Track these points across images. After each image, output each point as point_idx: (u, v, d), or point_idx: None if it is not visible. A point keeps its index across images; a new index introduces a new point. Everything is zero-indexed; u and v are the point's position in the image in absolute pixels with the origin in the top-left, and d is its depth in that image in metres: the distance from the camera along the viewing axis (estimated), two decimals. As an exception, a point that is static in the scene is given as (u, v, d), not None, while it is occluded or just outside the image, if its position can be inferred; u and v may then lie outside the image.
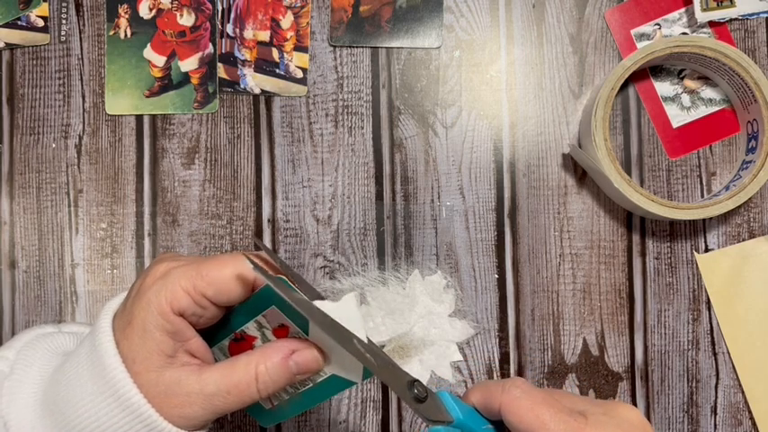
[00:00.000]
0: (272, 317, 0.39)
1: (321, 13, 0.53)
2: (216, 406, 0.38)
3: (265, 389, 0.38)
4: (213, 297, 0.38)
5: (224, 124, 0.53)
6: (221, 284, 0.38)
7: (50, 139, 0.53)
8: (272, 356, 0.38)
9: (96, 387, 0.37)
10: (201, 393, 0.37)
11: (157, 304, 0.37)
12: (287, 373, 0.38)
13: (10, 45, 0.53)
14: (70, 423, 0.37)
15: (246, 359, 0.38)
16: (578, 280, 0.52)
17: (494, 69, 0.53)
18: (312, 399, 0.41)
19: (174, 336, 0.38)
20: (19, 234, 0.52)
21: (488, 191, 0.52)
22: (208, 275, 0.38)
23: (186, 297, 0.37)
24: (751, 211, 0.52)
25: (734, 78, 0.49)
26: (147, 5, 0.53)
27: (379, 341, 0.51)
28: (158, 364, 0.37)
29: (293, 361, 0.38)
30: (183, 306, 0.37)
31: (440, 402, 0.38)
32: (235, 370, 0.38)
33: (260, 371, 0.38)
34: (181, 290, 0.37)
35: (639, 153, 0.53)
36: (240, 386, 0.38)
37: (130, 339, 0.37)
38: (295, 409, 0.42)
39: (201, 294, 0.38)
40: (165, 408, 0.37)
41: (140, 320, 0.37)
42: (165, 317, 0.37)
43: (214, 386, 0.38)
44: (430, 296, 0.51)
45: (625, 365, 0.52)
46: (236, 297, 0.38)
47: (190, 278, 0.38)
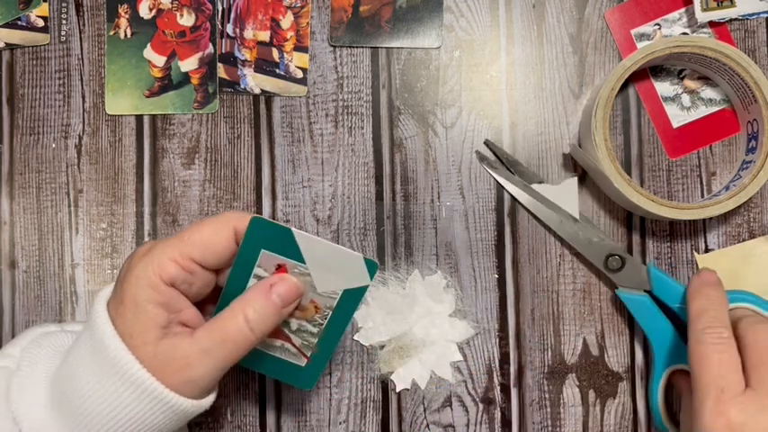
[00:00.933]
0: (267, 262, 0.40)
1: (321, 13, 0.53)
2: (216, 360, 0.38)
3: (258, 327, 0.39)
4: (200, 258, 0.39)
5: (224, 124, 0.53)
6: (205, 242, 0.39)
7: (50, 139, 0.53)
8: (254, 297, 0.39)
9: (99, 369, 0.37)
10: (197, 351, 0.38)
11: (146, 277, 0.38)
12: (273, 307, 0.39)
13: (10, 45, 0.53)
14: (79, 410, 0.38)
15: (231, 308, 0.39)
16: (578, 280, 0.52)
17: (494, 69, 0.53)
18: (338, 325, 0.42)
19: (166, 307, 0.38)
20: (19, 234, 0.52)
21: (488, 191, 0.52)
22: (190, 238, 0.39)
23: (174, 265, 0.38)
24: (751, 211, 0.52)
25: (734, 78, 0.49)
26: (147, 5, 0.53)
27: (379, 341, 0.51)
28: (154, 337, 0.38)
29: (275, 294, 0.39)
30: (173, 274, 0.38)
31: (642, 273, 0.49)
32: (223, 320, 0.39)
33: (247, 313, 0.39)
34: (167, 259, 0.38)
35: (639, 153, 0.53)
36: (232, 332, 0.38)
37: (124, 316, 0.38)
38: (327, 347, 0.43)
39: (189, 258, 0.39)
40: (168, 377, 0.37)
41: (131, 296, 0.38)
42: (156, 288, 0.38)
43: (207, 340, 0.38)
44: (430, 296, 0.51)
45: (625, 365, 0.52)
46: (221, 252, 0.39)
47: (174, 246, 0.39)
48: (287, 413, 0.52)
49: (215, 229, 0.39)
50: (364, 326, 0.51)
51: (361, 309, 0.51)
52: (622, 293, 0.50)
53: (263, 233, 0.39)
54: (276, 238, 0.39)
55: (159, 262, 0.38)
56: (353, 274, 0.40)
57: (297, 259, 0.39)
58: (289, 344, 0.43)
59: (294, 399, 0.52)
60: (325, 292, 0.41)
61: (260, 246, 0.39)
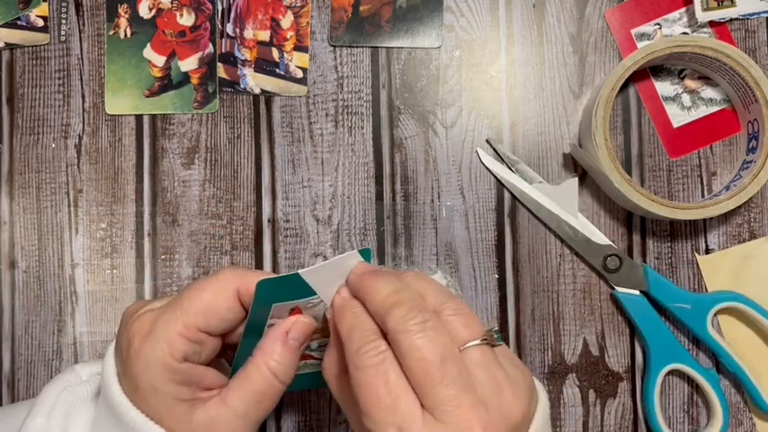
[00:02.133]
0: (279, 312, 0.39)
1: (321, 13, 0.53)
2: (254, 419, 0.38)
3: (285, 375, 0.38)
4: (205, 326, 0.37)
5: (224, 124, 0.53)
6: (207, 308, 0.37)
7: (50, 139, 0.53)
8: (273, 348, 0.38)
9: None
10: (236, 416, 0.37)
11: (157, 361, 0.36)
12: (293, 351, 0.38)
13: (10, 45, 0.53)
14: None
15: (254, 364, 0.38)
16: (578, 280, 0.52)
17: (494, 69, 0.53)
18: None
19: (186, 383, 0.37)
20: (19, 234, 0.52)
21: (488, 191, 0.52)
22: (191, 307, 0.37)
23: (181, 340, 0.36)
24: (751, 211, 0.52)
25: (734, 78, 0.49)
26: (146, 5, 0.53)
27: None
28: (184, 412, 0.37)
29: (291, 338, 0.38)
30: (183, 351, 0.36)
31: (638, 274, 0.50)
32: (250, 379, 0.37)
33: (271, 366, 0.37)
34: (174, 335, 0.36)
35: (640, 153, 0.52)
36: (263, 388, 0.37)
37: (147, 402, 0.36)
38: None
39: (194, 328, 0.37)
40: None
41: (148, 383, 0.36)
42: (170, 369, 0.36)
43: (242, 404, 0.37)
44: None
45: (625, 365, 0.52)
46: (226, 315, 0.38)
47: (176, 320, 0.37)
48: (287, 413, 0.52)
49: (214, 291, 0.37)
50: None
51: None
52: (619, 293, 0.51)
53: (270, 292, 0.37)
54: (285, 289, 0.38)
55: (167, 340, 0.36)
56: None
57: (307, 295, 0.38)
58: (311, 360, 0.43)
59: (294, 399, 0.52)
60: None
61: (270, 302, 0.38)
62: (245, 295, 0.38)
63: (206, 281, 0.38)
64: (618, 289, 0.51)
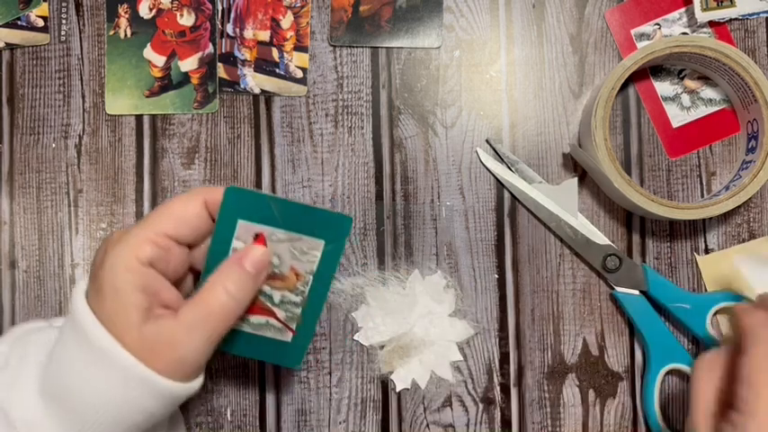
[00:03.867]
0: (244, 233, 0.40)
1: (321, 13, 0.53)
2: (202, 335, 0.38)
3: (239, 296, 0.39)
4: (173, 231, 0.39)
5: (224, 124, 0.53)
6: (176, 215, 0.39)
7: (50, 139, 0.53)
8: (228, 269, 0.39)
9: (85, 359, 0.37)
10: (183, 329, 0.38)
11: (122, 262, 0.37)
12: (248, 276, 0.39)
13: (10, 45, 0.53)
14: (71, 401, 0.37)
15: (210, 282, 0.39)
16: (578, 280, 0.52)
17: (494, 69, 0.53)
18: (320, 290, 0.42)
19: (145, 290, 0.38)
20: (19, 234, 0.52)
21: (488, 191, 0.52)
22: (160, 216, 0.39)
23: (148, 244, 0.38)
24: (751, 211, 0.52)
25: (734, 78, 0.49)
26: (147, 5, 0.53)
27: (379, 341, 0.51)
28: (137, 321, 0.37)
29: (247, 264, 0.39)
30: (148, 254, 0.38)
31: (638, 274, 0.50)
32: (204, 296, 0.39)
33: (226, 285, 0.39)
34: (141, 240, 0.38)
35: (639, 153, 0.53)
36: (215, 305, 0.38)
37: (104, 305, 0.37)
38: (311, 316, 0.43)
39: (162, 234, 0.39)
40: (156, 360, 0.37)
41: (110, 284, 0.37)
42: (133, 271, 0.37)
43: (191, 317, 0.38)
44: (430, 296, 0.51)
45: (625, 365, 0.52)
46: (194, 223, 0.40)
47: (146, 226, 0.39)
48: (287, 413, 0.52)
49: (184, 201, 0.40)
50: (364, 326, 0.51)
51: (362, 309, 0.51)
52: (619, 293, 0.51)
53: (238, 203, 0.39)
54: (252, 207, 0.40)
55: (134, 244, 0.38)
56: (330, 233, 0.40)
57: (274, 225, 0.40)
58: (273, 319, 0.43)
59: (294, 399, 0.52)
60: (304, 256, 0.41)
61: (236, 216, 0.40)
62: (213, 205, 0.40)
63: (175, 196, 0.40)
64: (617, 289, 0.51)
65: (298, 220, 0.40)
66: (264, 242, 0.41)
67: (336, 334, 0.52)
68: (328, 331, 0.52)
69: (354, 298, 0.52)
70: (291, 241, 0.41)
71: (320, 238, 0.41)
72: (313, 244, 0.41)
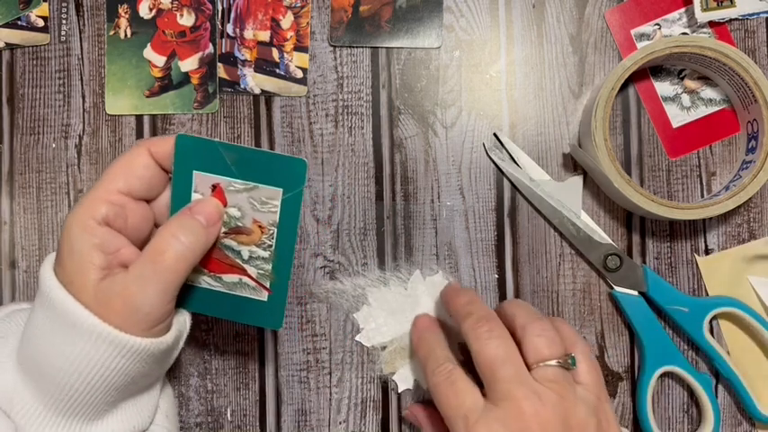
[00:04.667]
0: (202, 185, 0.41)
1: (321, 13, 0.53)
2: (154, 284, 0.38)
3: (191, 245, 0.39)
4: (125, 186, 0.39)
5: (224, 124, 0.53)
6: (124, 170, 0.39)
7: (50, 139, 0.53)
8: (176, 219, 0.40)
9: (50, 323, 0.38)
10: (133, 279, 0.38)
11: (77, 223, 0.38)
12: (198, 224, 0.40)
13: (10, 45, 0.53)
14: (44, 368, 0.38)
15: (158, 234, 0.39)
16: (578, 280, 0.52)
17: (494, 69, 0.53)
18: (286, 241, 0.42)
19: (101, 248, 0.38)
20: (19, 234, 0.52)
21: (488, 191, 0.52)
22: (110, 172, 0.39)
23: (101, 202, 0.39)
24: (751, 211, 0.52)
25: (734, 78, 0.49)
26: (147, 5, 0.53)
27: (381, 342, 0.51)
28: (94, 279, 0.38)
29: (196, 214, 0.40)
30: (103, 212, 0.38)
31: (637, 274, 0.50)
32: (153, 246, 0.39)
33: (173, 231, 0.39)
34: (94, 199, 0.39)
35: (639, 153, 0.53)
36: (165, 255, 0.38)
37: (64, 265, 0.38)
38: (283, 271, 0.43)
39: (115, 191, 0.39)
40: (112, 315, 0.37)
41: (67, 244, 0.38)
42: (88, 230, 0.38)
43: (140, 266, 0.38)
44: (432, 296, 0.51)
45: (625, 365, 0.52)
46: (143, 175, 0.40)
47: (97, 187, 0.39)
48: (287, 413, 0.52)
49: (129, 156, 0.40)
50: (366, 327, 0.51)
51: (363, 309, 0.51)
52: (618, 293, 0.51)
53: (190, 152, 0.40)
54: (205, 156, 0.40)
55: (87, 203, 0.39)
56: (286, 180, 0.40)
57: (229, 175, 0.40)
58: (246, 277, 0.43)
59: (294, 399, 0.52)
60: (264, 206, 0.41)
61: (191, 167, 0.40)
62: (160, 155, 0.40)
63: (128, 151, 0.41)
64: (617, 288, 0.51)
65: (252, 167, 0.40)
66: (222, 194, 0.41)
67: (337, 334, 0.52)
68: (328, 331, 0.52)
69: (356, 299, 0.52)
70: (249, 191, 0.41)
71: (277, 186, 0.40)
72: (271, 193, 0.41)
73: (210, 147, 0.40)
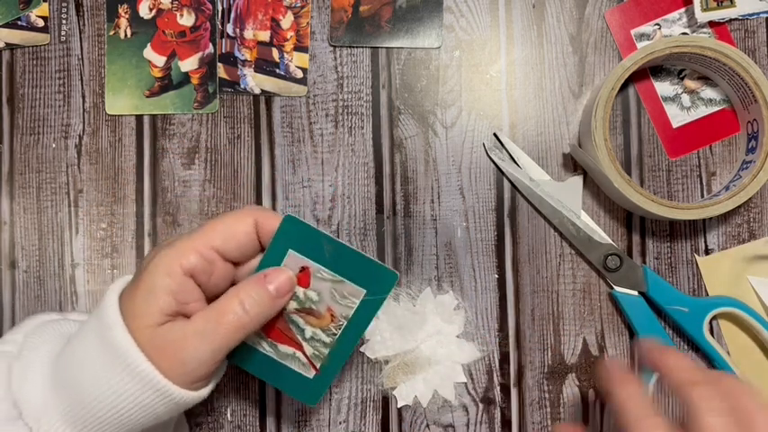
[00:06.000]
0: (292, 263, 0.41)
1: (321, 13, 0.53)
2: (209, 342, 0.38)
3: (253, 311, 0.39)
4: (221, 246, 0.39)
5: (224, 124, 0.53)
6: (226, 231, 0.40)
7: (50, 139, 0.53)
8: (248, 284, 0.40)
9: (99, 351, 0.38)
10: (192, 333, 0.38)
11: (165, 265, 0.38)
12: (267, 294, 0.40)
13: (10, 45, 0.53)
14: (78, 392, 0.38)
15: (228, 294, 0.40)
16: (578, 280, 0.52)
17: (494, 69, 0.53)
18: (351, 336, 0.43)
19: (177, 296, 0.38)
20: (19, 234, 0.52)
21: (488, 191, 0.52)
22: (212, 228, 0.40)
23: (194, 254, 0.39)
24: (751, 211, 0.52)
25: (734, 78, 0.49)
26: (147, 5, 0.53)
27: (384, 355, 0.51)
28: (157, 321, 0.38)
29: (269, 284, 0.40)
30: (192, 263, 0.39)
31: (637, 274, 0.50)
32: (219, 304, 0.39)
33: (242, 297, 0.39)
34: (188, 248, 0.39)
35: (639, 153, 0.53)
36: (228, 314, 0.39)
37: (134, 299, 0.38)
38: (338, 359, 0.43)
39: (210, 247, 0.39)
40: (162, 360, 0.38)
41: (148, 283, 0.38)
42: (172, 276, 0.38)
43: (202, 322, 0.38)
44: (440, 315, 0.51)
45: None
46: (242, 241, 0.40)
47: (196, 238, 0.39)
48: (287, 413, 0.52)
49: (236, 219, 0.40)
50: (372, 339, 0.51)
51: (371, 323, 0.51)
52: (618, 293, 0.51)
53: (293, 233, 0.40)
54: (305, 240, 0.40)
55: (181, 249, 0.39)
56: (373, 284, 0.41)
57: (322, 263, 0.41)
58: (300, 353, 0.43)
59: (294, 399, 0.52)
60: (343, 300, 0.41)
61: (288, 245, 0.40)
62: (262, 228, 0.40)
63: (229, 212, 0.41)
64: (616, 288, 0.51)
65: (346, 264, 0.41)
66: (309, 277, 0.41)
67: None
68: (328, 331, 0.52)
69: None
70: (334, 282, 0.41)
71: (363, 287, 0.41)
72: (354, 291, 0.41)
73: (314, 235, 0.40)
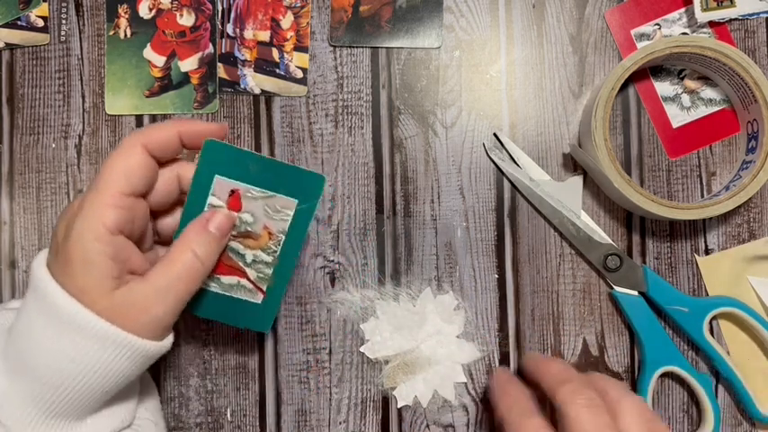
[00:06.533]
0: (220, 189, 0.41)
1: (321, 13, 0.53)
2: (173, 297, 0.39)
3: (207, 258, 0.40)
4: (128, 187, 0.39)
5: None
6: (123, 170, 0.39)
7: (50, 139, 0.53)
8: (195, 233, 0.40)
9: (57, 331, 0.37)
10: (154, 292, 0.38)
11: (90, 231, 0.37)
12: (214, 238, 0.41)
13: (10, 45, 0.53)
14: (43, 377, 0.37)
15: (177, 246, 0.40)
16: (578, 280, 0.52)
17: (494, 69, 0.53)
18: (291, 250, 0.43)
19: (115, 257, 0.38)
20: (19, 234, 0.52)
21: (488, 191, 0.52)
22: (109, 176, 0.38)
23: (111, 209, 0.38)
24: (751, 211, 0.52)
25: (734, 78, 0.49)
26: (146, 5, 0.53)
27: (385, 355, 0.51)
28: (108, 288, 0.38)
29: (212, 227, 0.41)
30: (113, 218, 0.38)
31: (637, 274, 0.50)
32: (173, 258, 0.39)
33: (194, 248, 0.40)
34: (102, 205, 0.38)
35: (639, 153, 0.53)
36: (185, 267, 0.39)
37: (74, 276, 0.37)
38: (282, 276, 0.44)
39: (119, 194, 0.38)
40: (128, 323, 0.38)
41: (80, 255, 0.37)
42: (103, 240, 0.37)
43: (162, 279, 0.39)
44: (440, 316, 0.51)
45: (625, 365, 0.52)
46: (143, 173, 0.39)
47: (100, 190, 0.38)
48: (287, 413, 0.52)
49: (125, 154, 0.39)
50: (372, 339, 0.51)
51: (371, 321, 0.51)
52: (618, 293, 0.51)
53: (216, 157, 0.40)
54: (229, 162, 0.40)
55: (97, 212, 0.38)
56: (303, 192, 0.41)
57: (249, 182, 0.41)
58: (245, 279, 0.44)
59: (294, 399, 0.52)
60: (277, 214, 0.42)
61: (213, 171, 0.41)
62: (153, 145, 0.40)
63: (112, 152, 0.40)
64: (616, 288, 0.51)
65: (273, 177, 0.41)
66: (239, 200, 0.41)
67: (336, 334, 0.52)
68: (328, 331, 0.52)
69: (364, 310, 0.52)
70: (265, 199, 0.41)
71: (294, 196, 0.41)
72: (286, 202, 0.41)
73: (237, 154, 0.40)
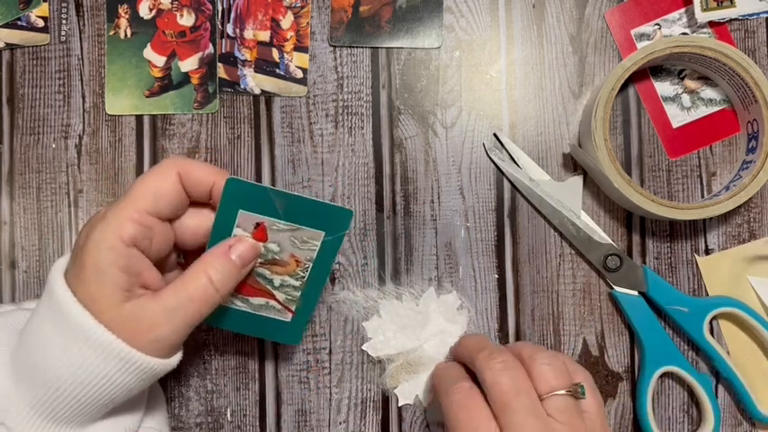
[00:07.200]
0: (245, 222, 0.41)
1: (321, 14, 0.53)
2: (182, 319, 0.39)
3: (222, 286, 0.40)
4: (153, 208, 0.39)
5: (224, 124, 0.53)
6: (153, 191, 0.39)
7: (50, 139, 0.53)
8: (214, 258, 0.40)
9: (63, 337, 0.37)
10: (163, 311, 0.38)
11: (106, 241, 0.38)
12: (234, 267, 0.41)
13: (10, 45, 0.53)
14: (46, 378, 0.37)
15: (194, 268, 0.40)
16: (578, 280, 0.52)
17: (494, 69, 0.53)
18: (319, 275, 0.44)
19: (127, 270, 0.38)
20: (19, 234, 0.52)
21: (488, 191, 0.52)
22: (138, 193, 0.39)
23: (131, 223, 0.38)
24: (751, 211, 0.52)
25: (734, 78, 0.49)
26: (147, 5, 0.53)
27: (387, 354, 0.51)
28: (118, 300, 0.38)
29: (234, 255, 0.41)
30: (131, 232, 0.38)
31: (637, 274, 0.50)
32: (187, 281, 0.39)
33: (210, 273, 0.40)
34: (124, 219, 0.38)
35: (639, 153, 0.53)
36: (198, 291, 0.39)
37: (86, 283, 0.38)
38: (311, 298, 0.44)
39: (143, 212, 0.39)
40: (134, 338, 0.38)
41: (92, 262, 0.38)
42: (117, 251, 0.38)
43: (173, 300, 0.39)
44: (443, 315, 0.51)
45: (625, 365, 0.52)
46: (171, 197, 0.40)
47: (127, 206, 0.39)
48: (287, 413, 0.52)
49: (160, 176, 0.40)
50: (374, 338, 0.51)
51: (373, 320, 0.51)
52: (618, 293, 0.51)
53: (239, 193, 0.40)
54: (253, 198, 0.40)
55: (117, 223, 0.38)
56: (330, 225, 0.42)
57: (275, 216, 0.41)
58: (273, 301, 0.44)
59: (294, 399, 0.52)
60: (304, 245, 0.42)
61: (237, 206, 0.41)
62: (186, 179, 0.40)
63: (149, 170, 0.40)
64: (616, 288, 0.51)
65: (299, 212, 0.41)
66: (265, 231, 0.41)
67: (336, 334, 0.52)
68: (328, 331, 0.52)
69: (367, 310, 0.52)
70: (292, 231, 0.42)
71: (320, 229, 0.42)
72: (313, 234, 0.42)
73: (260, 191, 0.40)
